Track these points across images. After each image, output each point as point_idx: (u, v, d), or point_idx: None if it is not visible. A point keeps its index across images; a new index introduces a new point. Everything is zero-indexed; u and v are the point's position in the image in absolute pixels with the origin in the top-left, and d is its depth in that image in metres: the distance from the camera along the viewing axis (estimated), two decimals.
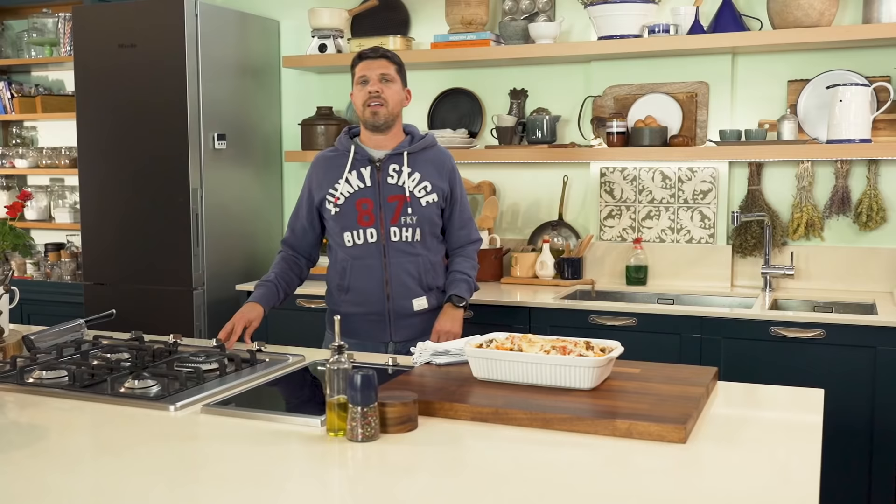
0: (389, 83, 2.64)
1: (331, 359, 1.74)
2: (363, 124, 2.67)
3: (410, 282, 2.67)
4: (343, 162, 2.68)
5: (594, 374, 1.91)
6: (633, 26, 3.52)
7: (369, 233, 2.64)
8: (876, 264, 3.47)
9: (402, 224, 2.65)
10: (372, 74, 2.62)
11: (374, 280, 2.65)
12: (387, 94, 2.62)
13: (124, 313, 3.11)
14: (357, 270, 2.66)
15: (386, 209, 2.64)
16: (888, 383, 2.91)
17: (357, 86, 2.65)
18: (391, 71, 2.65)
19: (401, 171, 2.66)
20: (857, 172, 3.50)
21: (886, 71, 3.41)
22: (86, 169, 4.05)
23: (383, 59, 2.65)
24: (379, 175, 2.65)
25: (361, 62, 2.66)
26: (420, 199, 2.66)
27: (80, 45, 4.00)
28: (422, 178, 2.67)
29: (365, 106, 2.62)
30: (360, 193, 2.65)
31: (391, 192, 2.65)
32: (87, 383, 2.08)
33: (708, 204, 3.66)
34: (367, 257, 2.65)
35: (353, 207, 2.64)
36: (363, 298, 2.66)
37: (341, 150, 2.71)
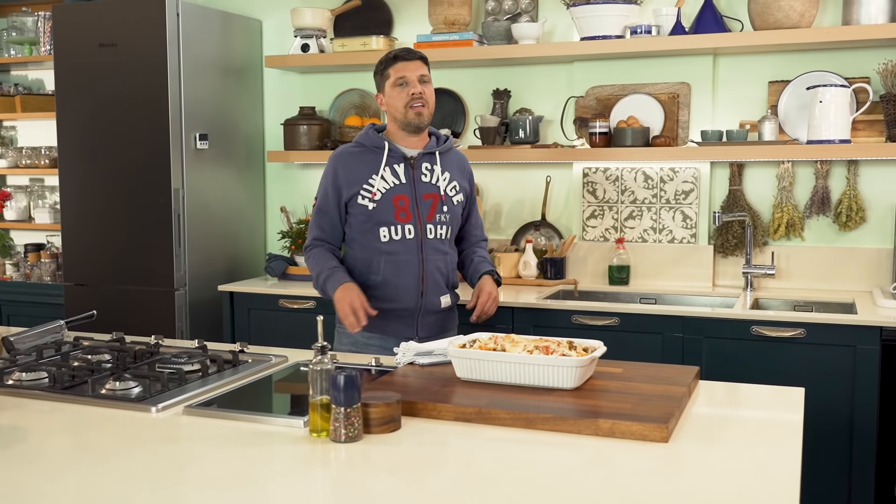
0: (427, 84, 2.69)
1: (314, 359, 1.74)
2: (401, 125, 2.68)
3: (441, 279, 2.73)
4: (372, 158, 2.68)
5: (577, 373, 1.92)
6: (616, 27, 3.53)
7: (407, 229, 2.67)
8: (855, 264, 3.50)
9: (436, 222, 2.70)
10: (411, 76, 2.65)
11: (411, 276, 2.67)
12: (427, 95, 2.66)
13: (105, 314, 3.10)
14: (392, 266, 2.67)
15: (422, 206, 2.68)
16: (868, 382, 2.94)
17: (394, 87, 2.66)
18: (427, 72, 2.69)
19: (433, 170, 2.71)
20: (836, 173, 3.53)
21: (866, 72, 3.44)
22: (66, 169, 4.02)
23: (420, 61, 2.68)
24: (413, 173, 2.68)
25: (397, 63, 2.67)
26: (452, 199, 2.73)
27: (60, 44, 3.97)
28: (451, 178, 2.74)
29: (407, 107, 2.64)
30: (396, 190, 2.66)
31: (426, 191, 2.69)
32: (67, 385, 2.07)
33: (690, 204, 3.68)
34: (404, 253, 2.67)
35: (389, 203, 2.65)
36: (396, 294, 2.67)
37: (369, 145, 2.70)
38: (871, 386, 2.94)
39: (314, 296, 3.65)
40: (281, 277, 3.95)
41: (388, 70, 2.68)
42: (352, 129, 4.03)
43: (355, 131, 4.02)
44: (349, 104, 4.22)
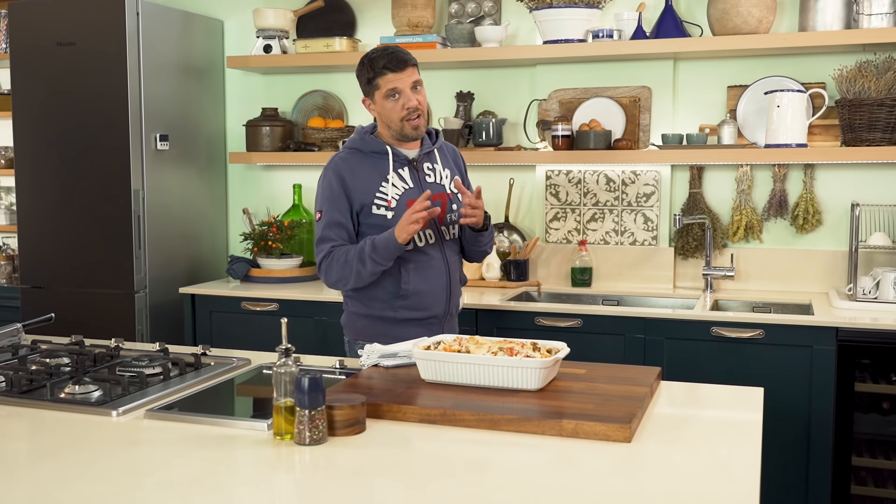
0: (420, 88, 2.52)
1: (278, 361, 1.73)
2: (396, 136, 2.54)
3: (459, 278, 2.68)
4: (375, 163, 2.54)
5: (541, 374, 1.93)
6: (578, 31, 3.56)
7: (428, 234, 2.55)
8: (812, 266, 3.56)
9: (448, 222, 2.61)
10: (404, 86, 2.48)
11: (439, 282, 2.57)
12: (422, 103, 2.52)
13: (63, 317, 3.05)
14: (419, 274, 2.54)
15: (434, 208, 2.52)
16: (824, 381, 2.99)
17: (385, 99, 2.49)
18: (418, 75, 2.52)
19: (434, 169, 2.61)
20: (793, 176, 3.59)
21: (821, 78, 3.50)
22: (22, 170, 3.95)
23: (409, 67, 2.49)
24: (419, 175, 2.58)
25: (388, 74, 2.47)
26: (457, 196, 2.62)
27: (16, 42, 3.90)
28: (452, 174, 2.65)
29: (403, 121, 2.50)
30: (408, 194, 2.53)
31: (434, 191, 2.55)
32: (25, 389, 2.03)
33: (651, 207, 3.72)
34: (430, 259, 2.56)
35: (405, 209, 2.49)
36: (426, 303, 2.56)
37: (367, 151, 2.55)
38: (828, 385, 2.99)
39: (277, 298, 3.63)
40: (243, 280, 3.92)
41: (377, 80, 2.49)
42: (315, 131, 4.01)
43: (318, 133, 4.00)
44: (312, 105, 4.20)
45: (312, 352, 3.00)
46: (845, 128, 3.35)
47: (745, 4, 3.34)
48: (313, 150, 3.99)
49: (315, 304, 3.57)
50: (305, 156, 3.97)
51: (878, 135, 3.27)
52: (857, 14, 3.29)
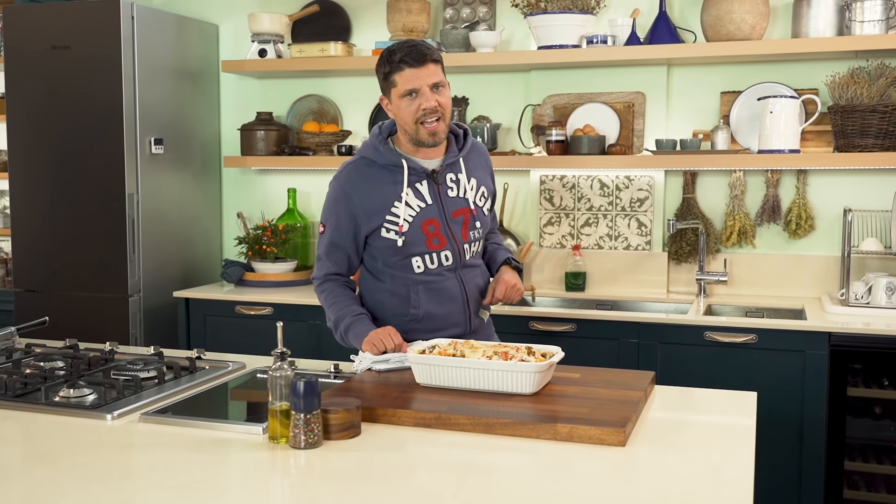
0: (442, 89, 2.24)
1: (273, 365, 1.73)
2: (412, 140, 2.28)
3: (479, 295, 2.44)
4: (389, 177, 2.29)
5: (536, 378, 1.94)
6: (572, 36, 3.57)
7: (444, 255, 2.33)
8: (805, 271, 3.58)
9: (471, 240, 2.37)
10: (422, 86, 2.21)
11: (454, 304, 2.37)
12: (443, 105, 2.23)
13: (57, 321, 3.05)
14: (431, 295, 2.34)
15: (454, 226, 2.33)
16: (817, 386, 3.01)
17: (402, 98, 2.23)
18: (441, 75, 2.24)
19: (458, 181, 2.34)
20: (786, 182, 3.61)
21: (814, 84, 3.52)
22: (16, 173, 3.95)
23: (431, 65, 2.21)
24: (438, 188, 2.31)
25: (405, 71, 2.20)
26: (482, 209, 2.40)
27: (10, 45, 3.89)
28: (478, 184, 2.39)
29: (418, 124, 2.22)
30: (423, 214, 2.29)
31: (455, 207, 2.33)
32: (19, 392, 2.03)
33: (644, 212, 3.73)
34: (443, 280, 2.35)
35: (419, 232, 2.29)
36: (442, 324, 2.36)
37: (382, 162, 2.30)
38: (820, 390, 3.01)
39: (271, 301, 3.63)
40: (237, 283, 3.92)
41: (393, 76, 2.23)
42: (309, 135, 4.01)
43: (313, 137, 4.01)
44: (307, 110, 4.21)
45: (306, 355, 3.01)
46: (838, 134, 3.37)
47: (738, 11, 3.35)
48: (308, 154, 3.99)
49: (309, 308, 3.57)
50: (300, 160, 3.97)
51: (871, 141, 3.29)
52: (849, 21, 3.31)
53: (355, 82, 4.12)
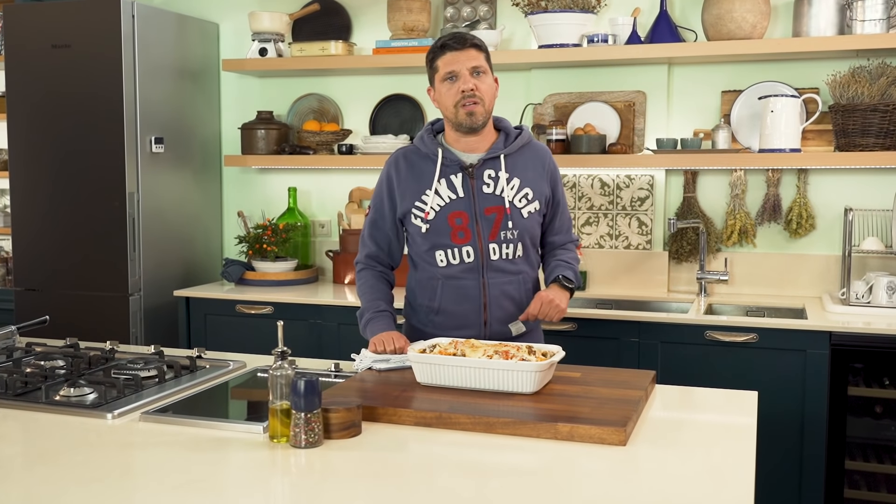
0: (482, 75, 2.28)
1: (274, 364, 1.73)
2: (454, 126, 2.31)
3: (509, 304, 2.36)
4: (428, 167, 2.33)
5: (536, 378, 1.94)
6: (573, 35, 3.57)
7: (465, 251, 2.32)
8: (805, 270, 3.58)
9: (501, 240, 2.32)
10: (461, 69, 2.25)
11: (472, 304, 2.35)
12: (482, 90, 2.26)
13: (58, 320, 3.05)
14: (450, 291, 2.35)
15: (483, 223, 2.31)
16: (817, 385, 3.00)
17: (443, 83, 2.28)
18: (482, 61, 2.28)
19: (497, 178, 2.32)
20: (787, 181, 3.60)
21: (815, 83, 3.52)
22: (17, 172, 3.95)
23: (472, 49, 2.27)
24: (472, 183, 2.31)
25: (445, 54, 2.27)
26: (521, 210, 2.33)
27: (11, 44, 3.89)
28: (522, 185, 2.34)
29: (457, 106, 2.26)
30: (451, 206, 2.31)
31: (488, 203, 2.31)
32: (20, 391, 2.03)
33: (645, 211, 3.73)
34: (463, 278, 2.34)
35: (445, 223, 2.31)
36: (458, 322, 2.36)
37: (424, 151, 2.36)
38: (821, 389, 3.00)
39: (271, 301, 3.63)
40: (238, 282, 3.92)
41: (436, 62, 2.29)
42: (310, 134, 4.01)
43: (313, 136, 4.01)
44: (307, 109, 4.21)
45: (307, 355, 3.01)
46: (839, 133, 3.37)
47: (739, 10, 3.35)
48: (308, 153, 3.99)
49: (310, 307, 3.57)
50: (300, 159, 3.97)
51: (872, 140, 3.29)
52: (850, 20, 3.31)
53: (356, 81, 4.12)
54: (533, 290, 2.43)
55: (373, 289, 2.44)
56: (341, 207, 4.13)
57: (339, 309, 3.52)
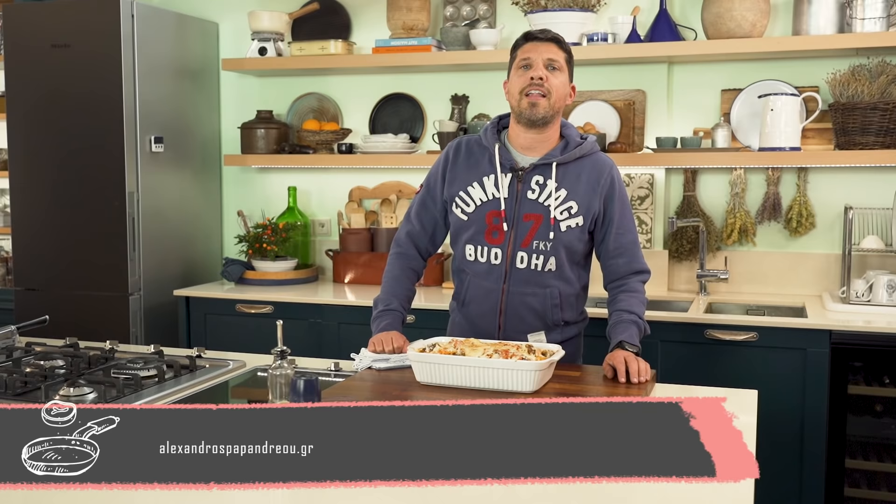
0: (556, 71, 2.24)
1: (273, 364, 1.73)
2: (516, 117, 2.26)
3: (530, 316, 2.29)
4: (483, 160, 2.30)
5: (536, 377, 1.93)
6: (573, 34, 3.57)
7: (494, 252, 2.27)
8: (805, 269, 3.58)
9: (533, 249, 2.25)
10: (537, 58, 2.22)
11: (489, 305, 2.31)
12: (551, 83, 2.22)
13: (57, 320, 3.05)
14: (474, 288, 2.32)
15: (519, 229, 2.26)
16: (817, 384, 3.00)
17: (517, 70, 2.25)
18: (560, 58, 2.25)
19: (545, 185, 2.25)
20: (787, 180, 3.60)
21: (815, 81, 3.52)
22: (16, 171, 3.95)
23: (553, 44, 2.25)
24: (519, 186, 2.26)
25: (527, 43, 2.25)
26: (561, 223, 2.25)
27: (10, 43, 3.89)
28: (568, 197, 2.25)
29: (522, 94, 2.21)
30: (492, 204, 2.27)
31: (529, 210, 2.25)
32: (20, 391, 2.03)
33: (645, 210, 3.72)
34: (487, 279, 2.30)
35: (482, 219, 2.27)
36: (476, 320, 2.34)
37: (485, 144, 2.32)
38: (821, 388, 3.00)
39: (271, 300, 3.63)
40: (238, 282, 3.92)
41: (516, 51, 2.27)
42: (309, 134, 4.01)
43: (313, 135, 4.01)
44: (307, 108, 4.21)
45: (307, 354, 3.00)
46: (838, 131, 3.36)
47: (738, 8, 3.35)
48: (308, 152, 3.99)
49: (310, 307, 3.57)
50: (300, 158, 3.97)
51: (872, 138, 3.29)
52: (850, 18, 3.31)
53: (355, 80, 4.12)
54: (564, 307, 2.31)
55: (395, 281, 2.41)
56: (341, 207, 4.13)
57: (339, 308, 3.53)
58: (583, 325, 2.44)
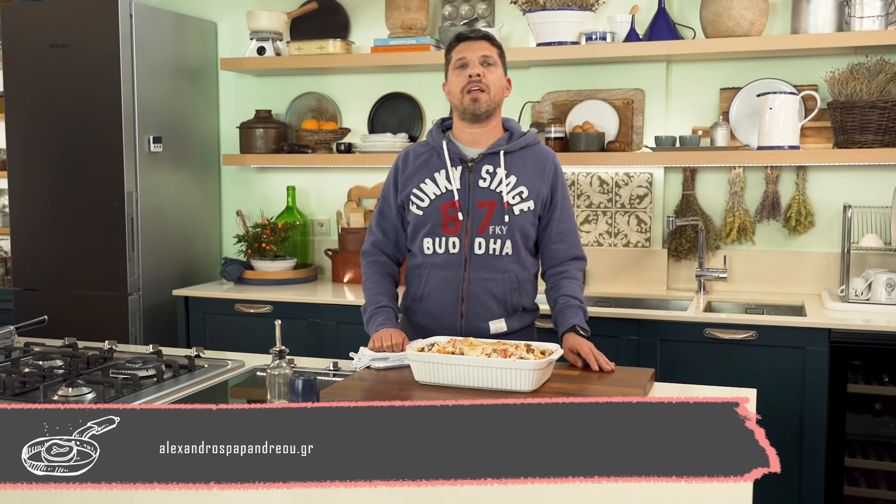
0: (492, 67, 2.35)
1: (272, 363, 1.73)
2: (460, 114, 2.38)
3: (490, 301, 2.38)
4: (433, 159, 2.41)
5: (535, 376, 1.93)
6: (571, 33, 3.57)
7: (451, 242, 2.36)
8: (804, 267, 3.58)
9: (489, 234, 2.35)
10: (472, 56, 2.33)
11: (450, 294, 2.38)
12: (489, 79, 2.33)
13: (56, 320, 3.04)
14: (433, 280, 2.39)
15: (474, 216, 2.35)
16: (817, 382, 3.00)
17: (454, 70, 2.36)
18: (493, 54, 2.36)
19: (495, 174, 2.37)
20: (786, 178, 3.60)
21: (814, 80, 3.52)
22: (15, 171, 3.94)
23: (485, 41, 2.36)
24: (470, 176, 2.37)
25: (460, 44, 2.37)
26: (514, 207, 2.36)
27: (9, 44, 3.89)
28: (518, 182, 2.37)
29: (463, 92, 2.33)
30: (446, 196, 2.37)
31: (482, 197, 2.36)
32: (18, 391, 2.03)
33: (644, 209, 3.72)
34: (446, 269, 2.37)
35: (437, 212, 2.37)
36: (437, 312, 2.40)
37: (432, 144, 2.43)
38: (820, 386, 3.00)
39: (270, 300, 3.63)
40: (237, 282, 3.91)
41: (450, 53, 2.39)
42: (308, 133, 4.01)
43: (312, 135, 4.00)
44: (306, 107, 4.20)
45: (306, 354, 3.00)
46: (837, 130, 3.36)
47: (737, 7, 3.35)
48: (307, 152, 3.99)
49: (309, 306, 3.57)
50: (299, 158, 3.97)
51: (870, 137, 3.29)
52: (848, 17, 3.31)
53: (354, 80, 4.12)
54: (521, 292, 2.42)
55: (376, 284, 2.49)
56: (340, 206, 4.12)
57: (338, 308, 3.52)
58: (536, 313, 2.54)
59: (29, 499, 1.44)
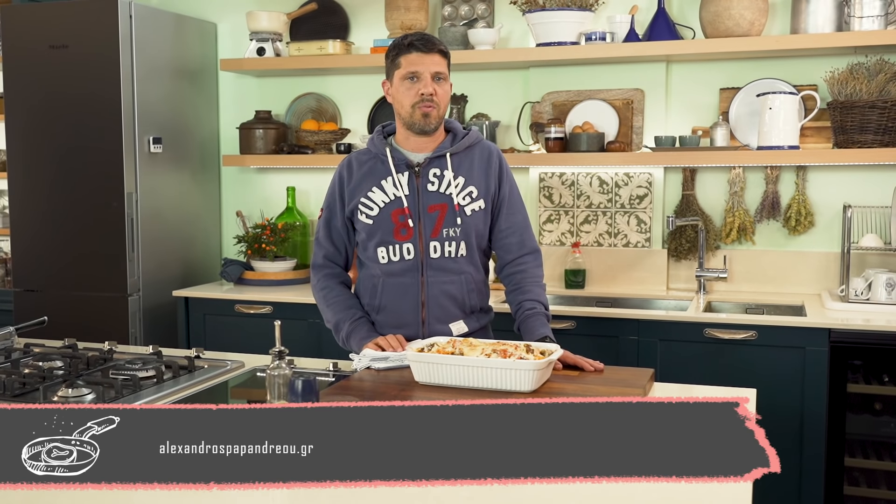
0: (442, 82, 2.31)
1: (271, 364, 1.73)
2: (406, 125, 2.34)
3: (450, 304, 2.37)
4: (377, 166, 2.37)
5: (534, 376, 1.93)
6: (571, 33, 3.57)
7: (406, 248, 2.34)
8: (804, 267, 3.58)
9: (443, 238, 2.33)
10: (425, 72, 2.28)
11: (409, 301, 2.35)
12: (440, 96, 2.30)
13: (56, 321, 3.04)
14: (390, 289, 2.36)
15: (426, 221, 2.33)
16: (817, 382, 3.00)
17: (402, 80, 2.30)
18: (444, 68, 2.31)
19: (443, 176, 2.34)
20: (786, 178, 3.60)
21: (813, 80, 3.52)
22: (15, 172, 3.94)
23: (438, 55, 2.30)
24: (418, 181, 2.34)
25: (411, 54, 2.28)
26: (465, 208, 2.35)
27: (9, 45, 3.89)
28: (467, 183, 2.36)
29: (414, 107, 2.29)
30: (396, 203, 2.34)
31: (432, 201, 2.33)
32: (18, 392, 2.03)
33: (644, 209, 3.73)
34: (402, 275, 2.35)
35: (388, 219, 2.33)
36: (397, 320, 2.37)
37: (375, 152, 2.39)
38: (820, 386, 3.00)
39: (270, 300, 3.63)
40: (237, 282, 3.92)
41: (399, 58, 2.30)
42: (308, 134, 4.01)
43: (312, 135, 4.00)
44: (306, 108, 4.21)
45: (306, 354, 2.99)
46: (837, 130, 3.36)
47: (737, 7, 3.35)
48: (307, 152, 3.99)
49: (308, 307, 3.56)
50: (299, 158, 3.97)
51: (870, 137, 3.29)
52: (848, 16, 3.31)
53: (354, 80, 4.12)
54: (479, 291, 2.42)
55: (339, 297, 2.44)
56: None
57: None
58: (492, 313, 2.53)
59: (29, 499, 1.44)
